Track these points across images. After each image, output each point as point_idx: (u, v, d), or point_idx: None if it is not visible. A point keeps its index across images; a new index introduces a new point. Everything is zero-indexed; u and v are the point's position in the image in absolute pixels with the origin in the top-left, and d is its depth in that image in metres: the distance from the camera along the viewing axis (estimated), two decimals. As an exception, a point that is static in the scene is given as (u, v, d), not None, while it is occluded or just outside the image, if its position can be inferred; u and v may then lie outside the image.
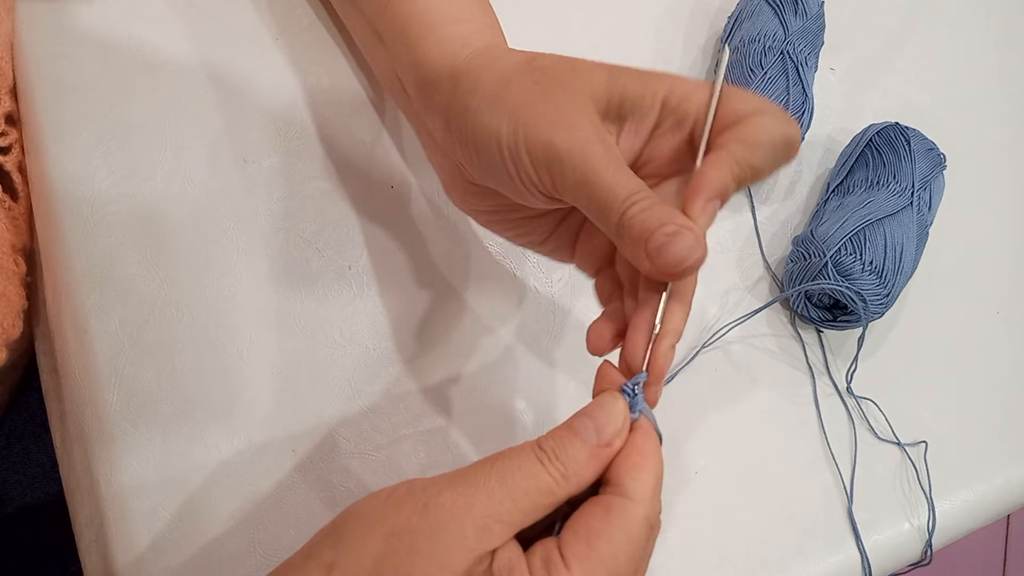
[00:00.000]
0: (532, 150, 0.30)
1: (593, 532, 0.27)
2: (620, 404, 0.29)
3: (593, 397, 0.31)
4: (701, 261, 0.28)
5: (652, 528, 0.28)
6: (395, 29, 0.38)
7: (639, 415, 0.30)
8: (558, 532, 0.28)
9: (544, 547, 0.27)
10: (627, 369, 0.31)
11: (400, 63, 0.38)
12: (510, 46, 0.38)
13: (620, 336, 0.32)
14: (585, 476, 0.28)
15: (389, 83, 0.41)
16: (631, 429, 0.29)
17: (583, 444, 0.28)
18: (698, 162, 0.30)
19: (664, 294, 0.30)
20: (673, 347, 0.30)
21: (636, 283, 0.32)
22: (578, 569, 0.26)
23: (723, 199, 0.29)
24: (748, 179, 0.29)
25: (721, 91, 0.30)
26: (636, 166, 0.32)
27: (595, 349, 0.33)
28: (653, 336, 0.30)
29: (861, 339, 0.45)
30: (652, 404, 0.30)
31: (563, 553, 0.26)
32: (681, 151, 0.32)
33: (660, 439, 0.30)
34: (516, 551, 0.27)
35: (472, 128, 0.32)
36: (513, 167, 0.31)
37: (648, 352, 0.30)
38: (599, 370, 0.32)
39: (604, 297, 0.35)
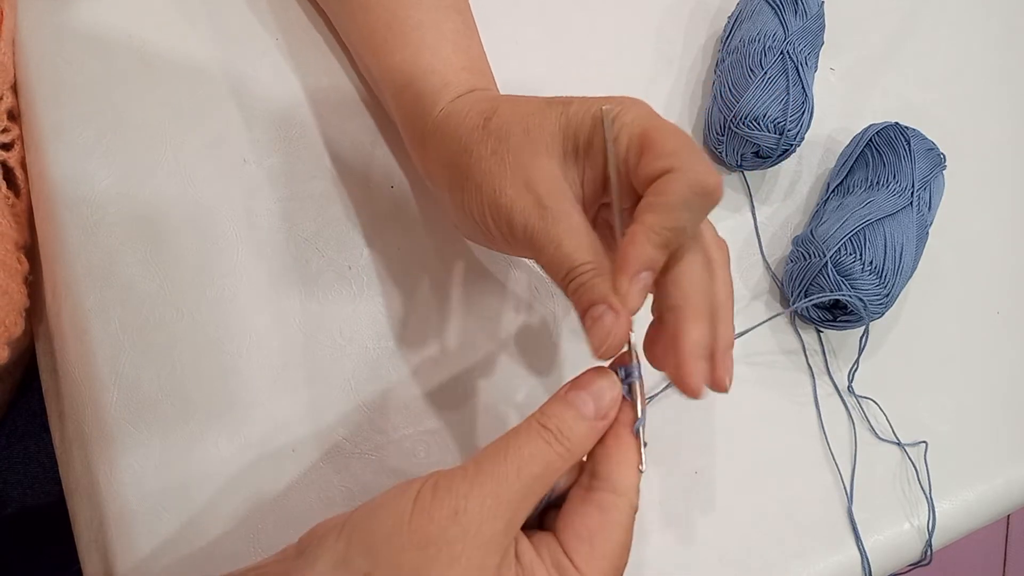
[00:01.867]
0: (498, 224, 0.33)
1: (594, 533, 0.28)
2: (611, 377, 0.30)
3: None
4: (622, 340, 0.29)
5: (635, 512, 0.30)
6: (381, 79, 0.41)
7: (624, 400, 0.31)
8: (540, 508, 0.30)
9: (549, 548, 0.29)
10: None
11: (390, 114, 0.42)
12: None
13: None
14: (583, 449, 0.29)
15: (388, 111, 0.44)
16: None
17: (583, 418, 0.29)
18: (616, 230, 0.31)
19: (632, 335, 0.31)
20: (702, 357, 0.31)
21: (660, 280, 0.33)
22: (587, 569, 0.28)
23: (653, 268, 0.30)
24: (673, 240, 0.29)
25: (635, 125, 0.31)
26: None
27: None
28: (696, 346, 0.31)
29: (863, 340, 0.45)
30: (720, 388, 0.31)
31: (570, 556, 0.28)
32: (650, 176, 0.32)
33: (644, 442, 0.31)
34: (528, 547, 0.29)
35: (451, 200, 0.35)
36: (488, 234, 0.34)
37: (637, 348, 0.31)
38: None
39: None
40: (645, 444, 0.31)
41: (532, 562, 0.28)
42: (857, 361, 0.45)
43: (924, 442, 0.45)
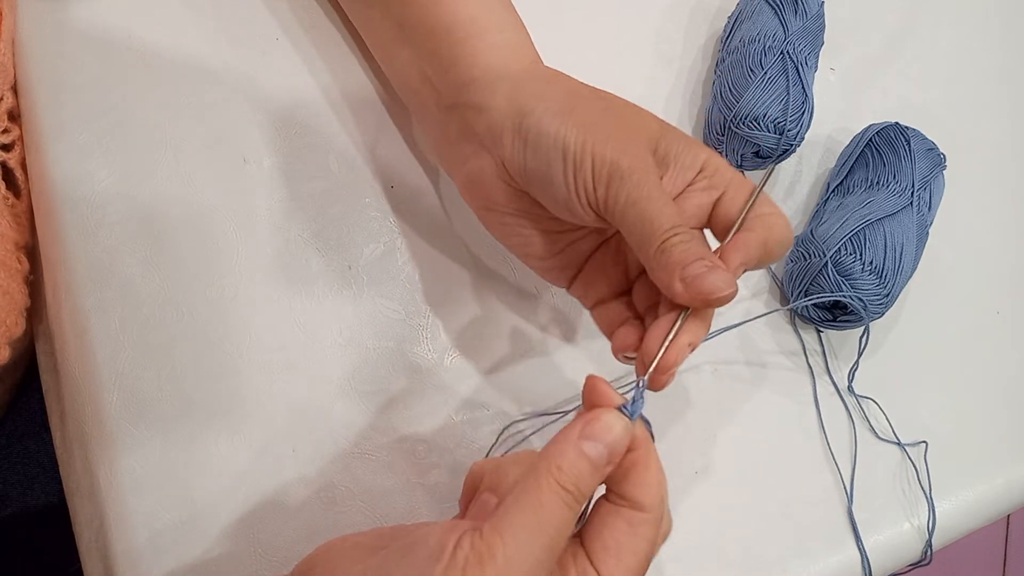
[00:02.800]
0: (598, 162, 0.32)
1: (622, 547, 0.29)
2: (624, 424, 0.30)
3: (584, 403, 0.31)
4: (732, 296, 0.31)
5: (662, 521, 0.30)
6: (437, 27, 0.39)
7: (636, 420, 0.30)
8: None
9: (575, 557, 0.29)
10: (643, 366, 0.32)
11: (438, 60, 0.39)
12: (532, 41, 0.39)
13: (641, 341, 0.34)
14: (590, 489, 0.29)
15: (408, 79, 0.42)
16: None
17: (597, 471, 0.29)
18: (735, 227, 0.33)
19: (682, 315, 0.32)
20: (690, 347, 0.32)
21: (654, 312, 0.35)
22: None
23: (746, 267, 0.33)
24: (761, 262, 0.33)
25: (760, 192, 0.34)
26: None
27: (621, 348, 0.35)
28: (667, 341, 0.32)
29: (863, 340, 0.45)
30: (657, 389, 0.32)
31: (596, 567, 0.29)
32: (704, 211, 0.35)
33: (652, 437, 0.31)
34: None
35: (536, 131, 0.34)
36: (572, 175, 0.33)
37: (659, 355, 0.32)
38: (589, 383, 0.32)
39: (607, 327, 0.38)
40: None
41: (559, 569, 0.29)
42: (857, 361, 0.45)
43: (924, 442, 0.45)
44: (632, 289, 0.37)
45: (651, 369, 0.31)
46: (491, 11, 0.39)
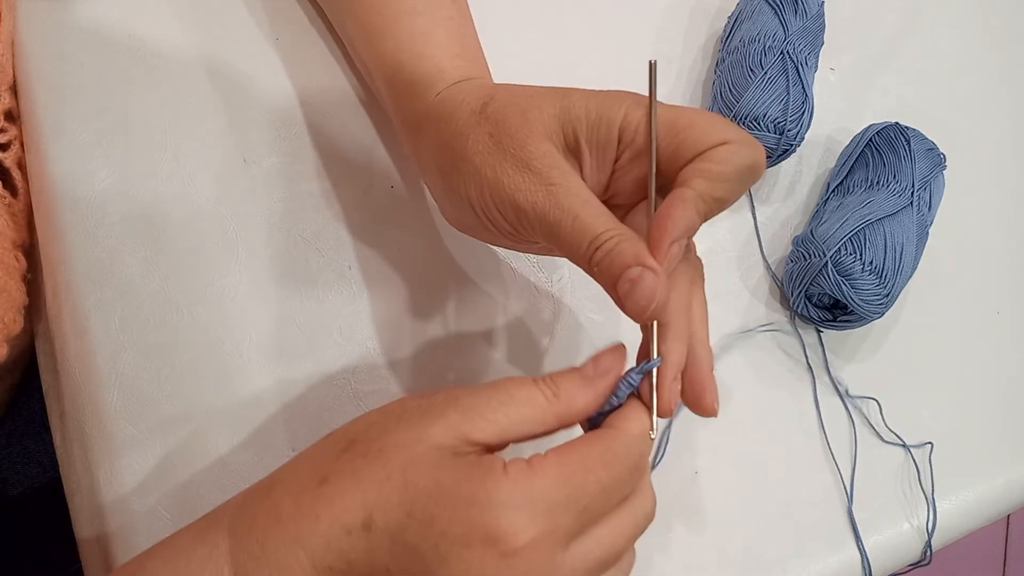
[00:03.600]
0: (501, 208, 0.31)
1: (577, 440, 0.28)
2: (620, 350, 0.30)
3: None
4: (664, 303, 0.28)
5: (635, 469, 0.29)
6: (374, 67, 0.40)
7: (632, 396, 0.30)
8: None
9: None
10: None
11: (381, 102, 0.41)
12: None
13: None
14: (576, 401, 0.29)
15: (383, 107, 0.43)
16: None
17: (579, 372, 0.29)
18: (651, 200, 0.30)
19: (653, 325, 0.30)
20: (676, 379, 0.30)
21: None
22: (553, 460, 0.27)
23: (690, 235, 0.29)
24: (713, 212, 0.30)
25: (659, 115, 0.30)
26: (605, 198, 0.33)
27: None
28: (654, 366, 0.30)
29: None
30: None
31: (544, 453, 0.27)
32: (644, 181, 0.31)
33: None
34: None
35: (436, 186, 0.35)
36: (487, 220, 0.33)
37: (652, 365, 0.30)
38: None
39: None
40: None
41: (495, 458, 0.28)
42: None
43: (930, 443, 0.45)
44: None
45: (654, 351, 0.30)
46: (411, 41, 0.38)
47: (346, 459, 0.28)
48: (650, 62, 0.29)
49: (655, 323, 0.30)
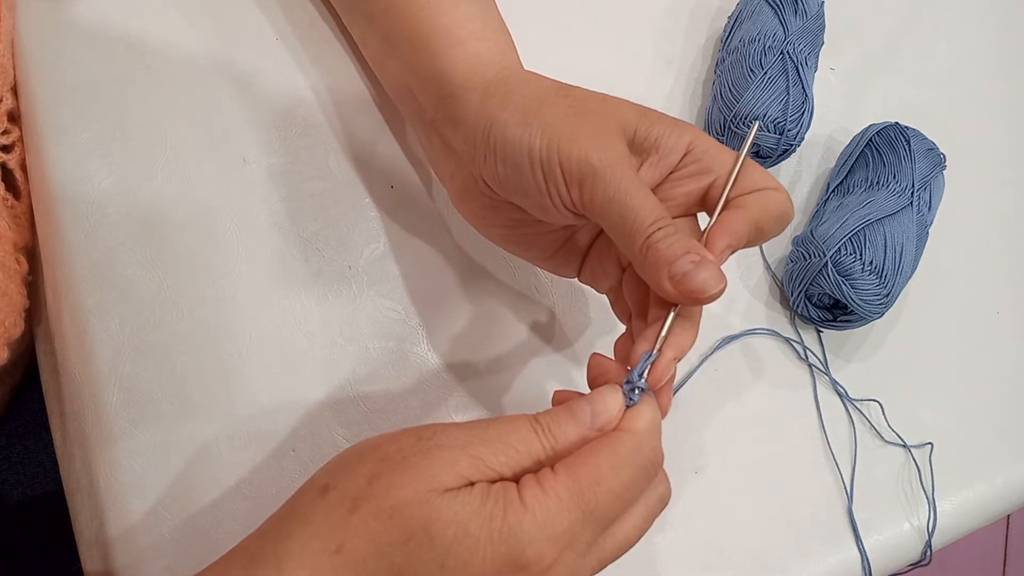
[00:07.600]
0: (566, 163, 0.31)
1: (584, 450, 0.28)
2: (618, 396, 0.30)
3: (589, 384, 0.32)
4: (721, 292, 0.30)
5: (648, 466, 0.29)
6: (416, 40, 0.39)
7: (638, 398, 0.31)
8: None
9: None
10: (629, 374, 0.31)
11: (418, 74, 0.39)
12: (513, 47, 0.38)
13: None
14: (567, 451, 0.29)
15: (397, 91, 0.42)
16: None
17: (577, 425, 0.29)
18: (718, 209, 0.32)
19: (672, 313, 0.31)
20: (675, 360, 0.31)
21: (644, 307, 0.34)
22: (564, 478, 0.27)
23: (733, 248, 0.32)
24: (754, 240, 0.32)
25: (744, 159, 0.33)
26: None
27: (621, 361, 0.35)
28: (657, 349, 0.31)
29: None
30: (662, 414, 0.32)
31: (554, 467, 0.28)
32: (693, 198, 0.33)
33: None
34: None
35: (502, 140, 0.33)
36: (543, 179, 0.32)
37: (651, 359, 0.31)
38: (592, 359, 0.33)
39: (621, 312, 0.37)
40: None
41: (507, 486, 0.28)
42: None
43: (930, 443, 0.45)
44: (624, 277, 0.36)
45: (655, 347, 0.31)
46: (468, 19, 0.38)
47: (357, 523, 0.27)
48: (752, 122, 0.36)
49: (673, 311, 0.31)
